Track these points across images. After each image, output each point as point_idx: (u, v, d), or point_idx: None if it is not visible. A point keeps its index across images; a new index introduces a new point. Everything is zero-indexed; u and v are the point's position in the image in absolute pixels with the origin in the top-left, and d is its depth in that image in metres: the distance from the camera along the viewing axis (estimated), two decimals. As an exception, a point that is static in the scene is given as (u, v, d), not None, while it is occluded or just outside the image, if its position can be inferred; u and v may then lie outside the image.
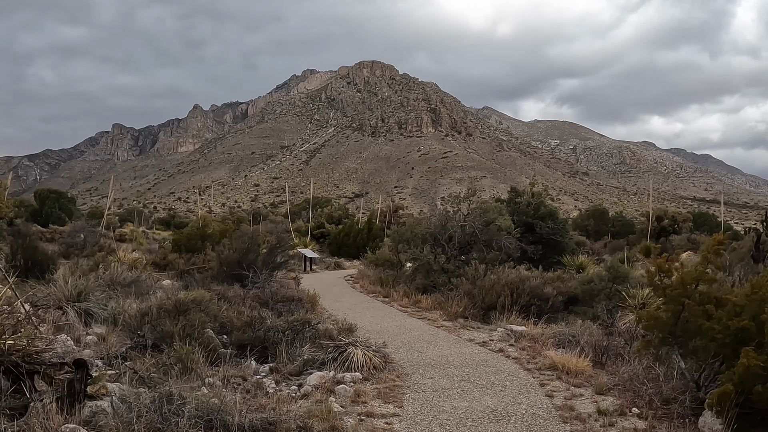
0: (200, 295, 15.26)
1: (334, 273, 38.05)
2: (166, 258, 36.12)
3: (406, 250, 27.80)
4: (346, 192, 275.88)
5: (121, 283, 24.99)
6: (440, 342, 15.26)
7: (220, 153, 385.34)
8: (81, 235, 44.16)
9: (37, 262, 25.44)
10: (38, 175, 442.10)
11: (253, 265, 23.47)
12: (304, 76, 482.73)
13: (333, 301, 22.99)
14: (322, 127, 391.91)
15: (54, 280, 17.29)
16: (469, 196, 27.80)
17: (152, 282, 28.22)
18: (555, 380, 11.78)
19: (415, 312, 20.54)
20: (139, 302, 16.75)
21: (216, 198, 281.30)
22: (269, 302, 18.40)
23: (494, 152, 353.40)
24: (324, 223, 59.42)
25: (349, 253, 47.46)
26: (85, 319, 15.04)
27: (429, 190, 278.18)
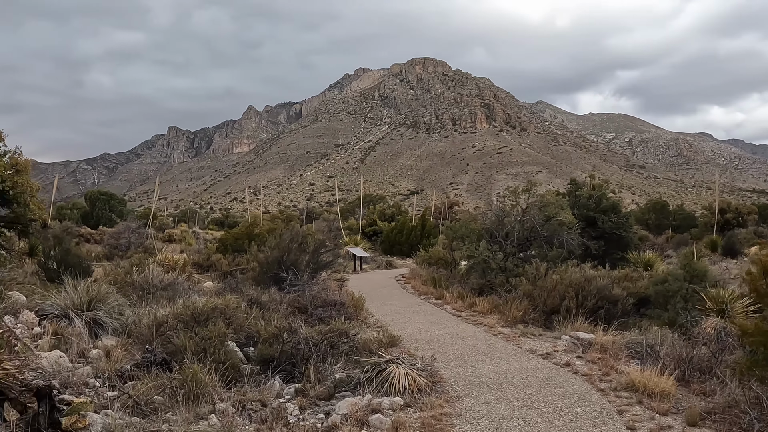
0: (226, 301, 13.47)
1: (384, 273, 36.09)
2: (210, 259, 34.65)
3: (461, 248, 25.81)
4: (402, 189, 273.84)
5: (157, 287, 23.58)
6: (497, 354, 13.20)
7: (275, 153, 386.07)
8: (125, 237, 43.10)
9: (70, 265, 24.10)
10: (96, 178, 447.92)
11: (295, 266, 21.72)
12: (357, 75, 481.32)
13: (380, 305, 21.09)
14: (376, 125, 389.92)
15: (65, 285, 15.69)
16: (527, 189, 25.65)
17: (192, 284, 26.82)
18: (635, 405, 9.70)
19: (469, 316, 18.46)
20: (165, 309, 15.09)
21: (271, 197, 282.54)
22: (308, 307, 16.58)
23: (549, 147, 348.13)
24: (376, 220, 57.65)
25: (402, 251, 45.59)
26: (95, 329, 13.34)
27: (484, 186, 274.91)
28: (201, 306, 12.53)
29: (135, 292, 21.24)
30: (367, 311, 18.96)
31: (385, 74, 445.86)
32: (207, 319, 12.15)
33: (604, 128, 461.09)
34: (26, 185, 24.55)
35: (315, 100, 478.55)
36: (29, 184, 25.03)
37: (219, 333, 11.34)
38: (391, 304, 21.65)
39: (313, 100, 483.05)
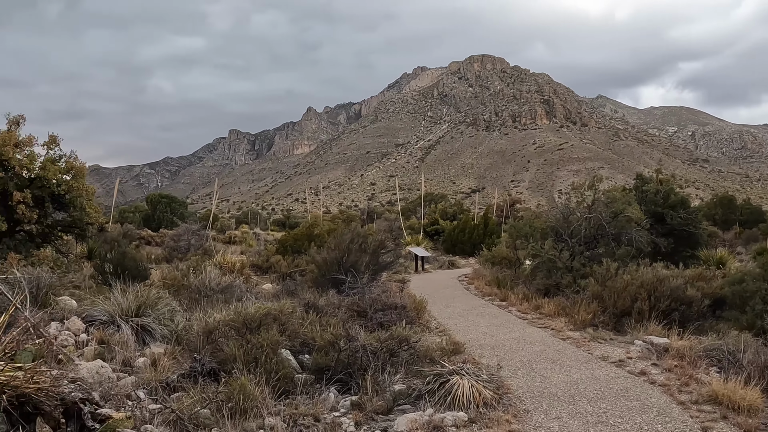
0: (280, 306, 12.81)
1: (447, 273, 35.26)
2: (269, 260, 34.21)
3: (525, 247, 24.89)
4: (463, 188, 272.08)
5: (213, 290, 23.12)
6: (567, 361, 12.30)
7: (335, 153, 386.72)
8: (185, 239, 42.98)
9: (126, 269, 23.79)
10: (159, 182, 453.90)
11: (354, 267, 21.07)
12: (415, 74, 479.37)
13: (443, 307, 20.33)
14: (436, 124, 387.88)
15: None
16: (592, 185, 24.60)
17: (250, 287, 26.34)
18: (719, 420, 8.76)
19: (536, 319, 17.59)
20: (220, 313, 14.54)
21: (333, 198, 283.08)
22: (367, 311, 15.88)
23: (611, 142, 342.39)
24: (438, 219, 56.79)
25: (464, 251, 44.71)
26: (143, 336, 12.78)
27: (546, 183, 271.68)
28: (253, 312, 11.87)
29: (191, 296, 20.85)
30: (429, 314, 18.22)
31: (444, 72, 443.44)
32: (259, 325, 11.53)
33: (665, 122, 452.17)
34: (81, 189, 24.25)
35: (374, 100, 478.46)
36: (84, 188, 24.71)
37: (271, 341, 10.70)
38: (454, 306, 20.86)
39: (372, 100, 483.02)
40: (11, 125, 24.16)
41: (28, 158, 24.09)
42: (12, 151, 22.93)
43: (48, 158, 24.77)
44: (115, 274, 22.93)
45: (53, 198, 24.50)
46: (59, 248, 25.74)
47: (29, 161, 23.89)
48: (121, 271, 22.97)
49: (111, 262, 23.85)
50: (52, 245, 25.31)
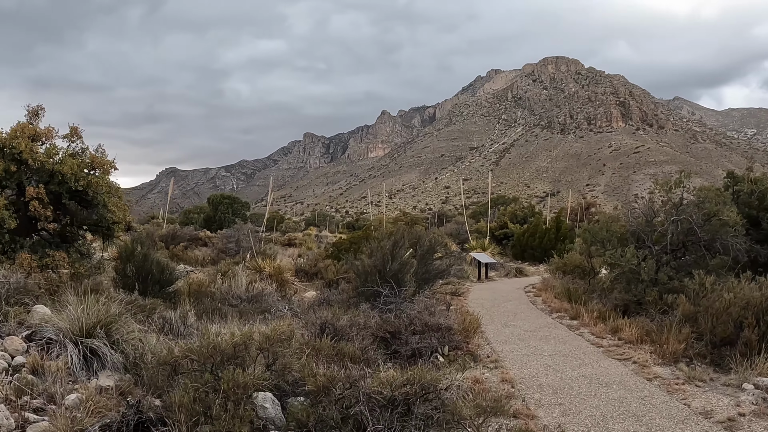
0: (273, 330, 9.69)
1: (512, 282, 31.59)
2: (317, 265, 31.29)
3: (601, 254, 21.28)
4: (537, 191, 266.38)
5: (241, 298, 20.57)
6: (657, 418, 8.73)
7: (409, 157, 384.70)
8: (233, 240, 40.53)
9: (148, 273, 21.38)
10: (235, 184, 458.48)
11: (397, 277, 17.92)
12: (489, 77, 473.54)
13: (501, 326, 16.96)
14: (511, 127, 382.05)
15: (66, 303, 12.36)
16: (680, 182, 20.82)
17: (289, 294, 23.75)
18: None
19: (613, 346, 13.97)
20: (240, 327, 11.72)
21: (407, 201, 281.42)
22: (402, 333, 12.71)
23: (688, 145, 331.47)
24: (507, 222, 53.11)
25: (534, 257, 41.14)
26: (94, 363, 9.92)
27: (622, 186, 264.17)
28: (222, 343, 8.75)
29: (212, 305, 18.40)
30: (483, 336, 14.98)
31: (518, 75, 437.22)
32: (233, 358, 8.48)
33: (744, 124, 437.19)
34: (101, 185, 21.80)
35: (448, 103, 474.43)
36: (105, 184, 22.29)
37: (239, 382, 7.65)
38: (515, 325, 17.36)
39: (447, 103, 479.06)
40: (30, 116, 22.06)
41: (46, 152, 21.88)
42: (25, 144, 20.63)
43: (69, 152, 22.62)
44: (135, 279, 20.83)
45: (74, 195, 22.18)
46: (79, 249, 23.38)
47: (46, 156, 21.60)
48: (142, 276, 20.79)
49: (134, 265, 21.60)
50: (72, 246, 23.04)
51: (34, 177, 21.36)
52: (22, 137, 21.01)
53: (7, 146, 20.74)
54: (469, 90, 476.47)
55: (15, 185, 21.27)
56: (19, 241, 21.18)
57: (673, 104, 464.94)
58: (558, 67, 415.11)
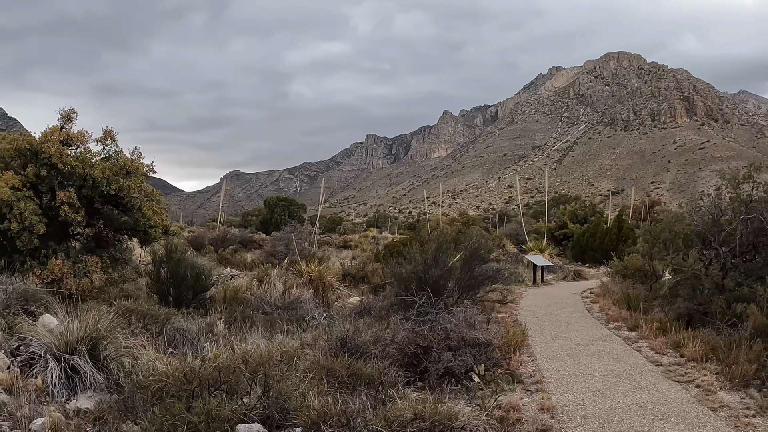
0: (270, 350, 8.42)
1: (570, 286, 29.82)
2: (364, 269, 30.06)
3: (663, 256, 19.55)
4: (601, 190, 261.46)
5: (275, 305, 19.51)
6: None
7: (472, 156, 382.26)
8: (282, 243, 39.56)
9: (182, 279, 20.51)
10: (298, 186, 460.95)
11: (438, 284, 16.55)
12: (551, 74, 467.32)
13: (550, 339, 15.38)
14: (573, 125, 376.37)
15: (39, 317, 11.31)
16: (751, 174, 18.92)
17: (330, 301, 22.66)
18: None
19: (674, 365, 12.24)
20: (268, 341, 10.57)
21: (470, 201, 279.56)
22: (432, 349, 11.33)
23: (754, 139, 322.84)
24: (567, 222, 51.26)
25: (595, 258, 39.28)
26: (76, 382, 8.89)
27: (687, 183, 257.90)
28: (199, 368, 7.50)
29: (243, 314, 17.40)
30: (528, 351, 13.52)
31: (579, 72, 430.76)
32: (220, 382, 7.25)
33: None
34: (134, 188, 21.11)
35: (510, 101, 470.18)
36: (138, 187, 21.61)
37: (215, 415, 6.41)
38: (566, 337, 15.68)
39: (508, 101, 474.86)
40: (63, 120, 21.51)
41: (78, 156, 21.23)
42: (54, 148, 20.00)
43: (101, 155, 22.00)
44: (169, 285, 19.88)
45: (108, 199, 21.51)
46: (113, 254, 22.68)
47: (77, 160, 20.94)
48: (176, 282, 19.87)
49: (168, 270, 20.73)
50: (107, 251, 22.35)
51: (66, 181, 20.76)
52: (51, 142, 20.39)
53: (39, 151, 20.15)
54: (531, 88, 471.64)
55: (48, 190, 20.65)
56: (51, 246, 20.53)
57: (739, 98, 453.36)
58: (620, 63, 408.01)
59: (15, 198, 18.80)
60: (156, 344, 11.62)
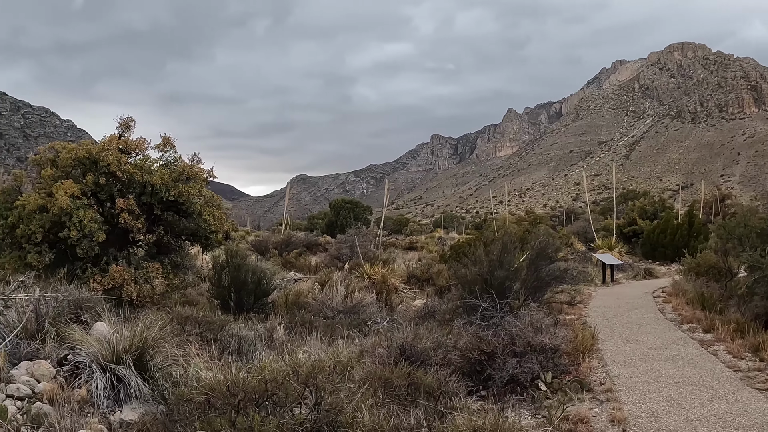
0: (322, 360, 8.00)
1: (640, 285, 28.85)
2: (429, 271, 29.54)
3: (739, 253, 18.70)
4: (670, 184, 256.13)
5: (336, 309, 19.21)
6: None
7: (538, 154, 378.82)
8: (347, 245, 39.30)
9: (242, 284, 20.40)
10: (365, 188, 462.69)
11: (503, 286, 16.01)
12: (614, 68, 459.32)
13: (621, 342, 14.64)
14: (639, 119, 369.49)
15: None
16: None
17: (394, 304, 22.27)
18: None
19: (753, 370, 11.45)
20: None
21: (537, 199, 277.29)
22: (497, 355, 10.78)
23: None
24: (636, 218, 50.05)
25: (665, 256, 38.18)
26: (122, 392, 8.67)
27: (758, 176, 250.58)
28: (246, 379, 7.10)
29: (303, 319, 17.14)
30: (598, 355, 12.88)
31: (643, 64, 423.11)
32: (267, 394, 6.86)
33: None
34: (193, 193, 21.11)
35: (574, 97, 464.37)
36: (197, 192, 21.61)
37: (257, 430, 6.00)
38: (637, 340, 14.89)
39: (573, 97, 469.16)
40: (122, 129, 21.67)
41: (137, 164, 21.35)
42: (112, 157, 20.08)
43: (160, 162, 22.10)
44: (230, 290, 19.91)
45: (168, 205, 21.51)
46: (174, 260, 22.72)
47: (136, 167, 21.05)
48: (236, 287, 19.69)
49: (229, 276, 20.67)
50: (168, 257, 22.39)
51: (125, 189, 20.82)
52: (109, 150, 20.46)
53: (98, 160, 20.23)
54: (595, 83, 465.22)
55: (108, 198, 20.73)
56: (112, 253, 20.57)
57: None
58: (684, 54, 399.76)
59: (74, 206, 18.85)
60: (210, 352, 11.35)
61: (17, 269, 19.04)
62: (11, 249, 19.98)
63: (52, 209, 18.75)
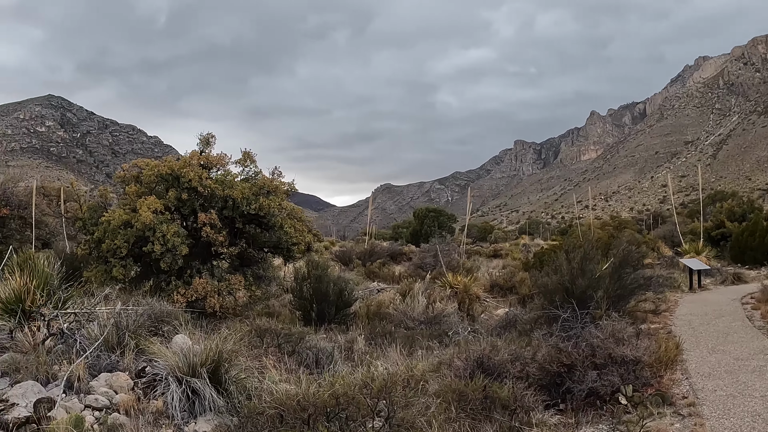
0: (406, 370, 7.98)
1: (729, 291, 27.75)
2: (512, 279, 29.25)
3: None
4: (759, 184, 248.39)
5: (417, 320, 19.20)
6: None
7: (622, 156, 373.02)
8: (430, 254, 39.23)
9: (324, 296, 20.56)
10: (449, 196, 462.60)
11: (585, 295, 15.73)
12: (697, 65, 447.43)
13: (707, 352, 14.05)
14: (725, 116, 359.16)
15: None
16: None
17: (476, 314, 22.14)
18: None
19: None
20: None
21: (623, 203, 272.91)
22: (576, 367, 10.57)
23: None
24: (724, 221, 48.71)
25: (755, 259, 36.98)
26: (197, 404, 8.80)
27: None
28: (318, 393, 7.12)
29: (384, 330, 17.19)
30: (682, 366, 12.45)
31: (727, 60, 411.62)
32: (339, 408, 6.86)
33: None
34: (274, 206, 21.46)
35: (658, 97, 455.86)
36: (278, 205, 21.97)
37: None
38: (724, 350, 14.25)
39: (656, 97, 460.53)
40: (202, 145, 22.20)
41: (218, 178, 21.82)
42: (193, 173, 20.57)
43: (241, 176, 22.56)
44: (311, 301, 20.02)
45: (250, 219, 21.93)
46: (256, 272, 23.11)
47: (217, 182, 21.52)
48: (318, 298, 19.85)
49: (310, 287, 20.83)
50: (250, 269, 22.77)
51: (207, 203, 21.26)
52: (191, 166, 20.91)
53: (180, 176, 20.69)
54: (678, 81, 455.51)
55: (190, 212, 21.17)
56: (195, 266, 20.98)
57: None
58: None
59: (157, 221, 19.35)
60: (288, 364, 11.44)
61: (103, 282, 19.63)
62: (97, 263, 20.61)
63: (136, 224, 19.31)
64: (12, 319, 10.84)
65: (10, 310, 10.86)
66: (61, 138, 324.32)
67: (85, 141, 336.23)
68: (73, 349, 10.47)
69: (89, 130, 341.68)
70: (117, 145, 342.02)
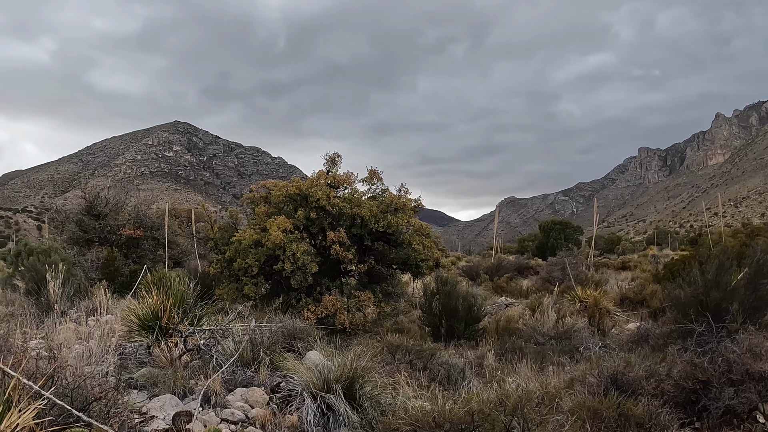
0: (540, 386, 7.91)
1: None
2: (642, 292, 28.55)
3: None
4: None
5: (547, 335, 18.96)
6: None
7: (751, 160, 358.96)
8: (558, 267, 38.71)
9: (453, 311, 20.58)
10: (574, 207, 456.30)
11: (719, 307, 15.20)
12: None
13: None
14: None
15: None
16: None
17: (606, 328, 21.68)
18: None
19: None
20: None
21: (754, 209, 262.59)
22: (712, 384, 10.24)
23: None
24: None
25: None
26: (332, 421, 8.95)
27: None
28: (459, 408, 7.13)
29: (514, 345, 17.07)
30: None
31: None
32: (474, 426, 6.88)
33: None
34: (401, 223, 21.64)
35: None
36: (405, 222, 22.16)
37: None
38: None
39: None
40: (329, 164, 22.63)
41: (345, 197, 22.19)
42: (321, 192, 20.99)
43: (368, 194, 22.85)
44: (440, 317, 20.16)
45: (378, 236, 22.19)
46: (384, 288, 23.33)
47: (344, 201, 21.90)
48: (447, 314, 19.90)
49: (439, 303, 20.84)
50: (379, 285, 23.02)
51: (335, 221, 21.61)
52: (318, 186, 21.29)
53: (308, 195, 21.11)
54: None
55: (319, 231, 21.55)
56: (324, 283, 21.33)
57: None
58: None
59: (287, 240, 19.73)
60: (419, 380, 11.48)
61: (235, 300, 20.21)
62: (229, 281, 21.22)
63: (266, 243, 19.76)
64: (149, 335, 11.26)
65: (147, 327, 11.29)
66: (188, 161, 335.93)
67: (211, 164, 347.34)
68: (209, 364, 10.78)
69: (215, 153, 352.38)
70: (242, 167, 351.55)
